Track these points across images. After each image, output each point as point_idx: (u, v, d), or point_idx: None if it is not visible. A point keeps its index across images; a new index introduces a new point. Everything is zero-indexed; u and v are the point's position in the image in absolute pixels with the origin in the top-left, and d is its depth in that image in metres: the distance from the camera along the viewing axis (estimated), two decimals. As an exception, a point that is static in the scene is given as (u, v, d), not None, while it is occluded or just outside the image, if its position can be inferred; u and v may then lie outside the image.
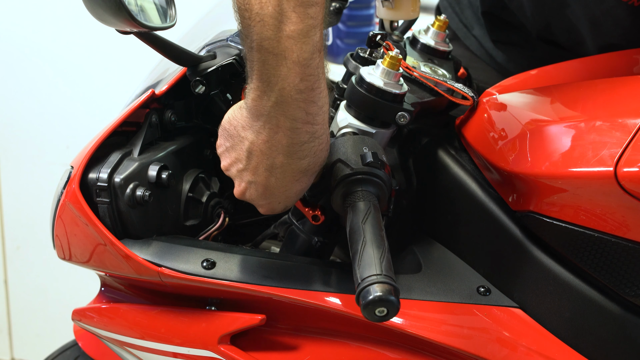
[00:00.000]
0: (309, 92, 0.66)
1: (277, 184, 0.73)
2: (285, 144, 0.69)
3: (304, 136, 0.69)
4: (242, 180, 0.76)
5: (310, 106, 0.67)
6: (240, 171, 0.75)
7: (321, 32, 0.66)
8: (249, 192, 0.76)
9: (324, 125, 0.71)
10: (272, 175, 0.72)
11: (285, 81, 0.65)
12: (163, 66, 1.01)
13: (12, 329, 2.47)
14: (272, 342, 0.86)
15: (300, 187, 0.75)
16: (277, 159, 0.71)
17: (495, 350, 0.79)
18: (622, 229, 0.73)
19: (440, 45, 1.04)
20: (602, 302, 0.77)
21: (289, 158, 0.71)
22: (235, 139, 0.74)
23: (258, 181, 0.74)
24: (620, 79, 0.87)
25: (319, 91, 0.68)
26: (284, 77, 0.65)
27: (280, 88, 0.65)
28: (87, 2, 0.73)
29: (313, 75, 0.66)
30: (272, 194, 0.75)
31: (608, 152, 0.72)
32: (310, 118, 0.68)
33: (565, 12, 0.99)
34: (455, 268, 0.86)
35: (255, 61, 0.66)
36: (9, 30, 2.11)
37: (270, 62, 0.65)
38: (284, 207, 0.78)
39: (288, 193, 0.75)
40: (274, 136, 0.69)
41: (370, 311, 0.66)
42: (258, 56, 0.66)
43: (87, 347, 1.12)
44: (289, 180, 0.73)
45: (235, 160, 0.75)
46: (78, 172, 0.83)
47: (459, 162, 0.89)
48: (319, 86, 0.67)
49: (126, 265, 0.84)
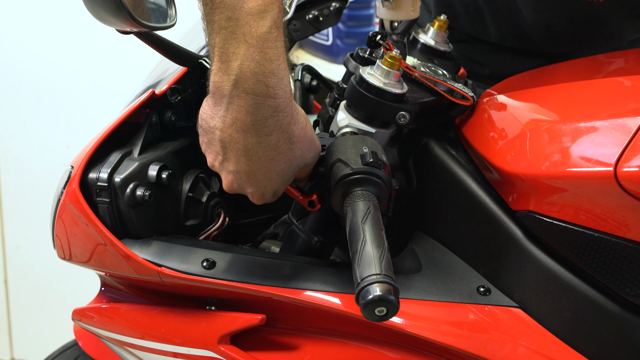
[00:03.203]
0: (267, 64, 0.68)
1: (256, 167, 0.74)
2: (249, 122, 0.70)
3: (267, 110, 0.70)
4: (227, 173, 0.76)
5: (270, 78, 0.68)
6: (222, 163, 0.76)
7: (280, 7, 0.69)
8: (235, 182, 0.77)
9: (287, 99, 0.71)
10: (248, 160, 0.73)
11: (244, 57, 0.67)
12: (163, 66, 1.01)
13: (12, 329, 2.47)
14: (272, 342, 0.86)
15: (280, 166, 0.75)
16: (247, 140, 0.71)
17: (495, 350, 0.79)
18: (622, 229, 0.73)
19: (440, 45, 1.04)
20: (602, 302, 0.77)
21: (257, 136, 0.71)
22: (208, 133, 0.75)
23: (239, 169, 0.75)
24: (620, 79, 0.87)
25: (277, 64, 0.69)
26: (244, 53, 0.67)
27: (240, 64, 0.67)
28: (87, 2, 0.73)
29: (272, 49, 0.68)
30: (255, 179, 0.75)
31: (608, 152, 0.72)
32: (271, 92, 0.69)
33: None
34: (455, 268, 0.86)
35: (217, 44, 0.68)
36: (9, 30, 2.11)
37: (230, 41, 0.67)
38: (272, 192, 0.78)
39: (270, 175, 0.75)
40: (238, 117, 0.70)
41: (369, 311, 0.66)
42: (219, 38, 0.68)
43: (87, 347, 1.12)
44: (265, 161, 0.73)
45: (215, 154, 0.76)
46: (78, 172, 0.83)
47: (459, 162, 0.89)
48: (278, 59, 0.69)
49: (126, 265, 0.84)
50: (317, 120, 1.01)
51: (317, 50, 2.31)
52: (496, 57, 1.20)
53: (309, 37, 1.18)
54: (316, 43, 2.29)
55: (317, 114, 1.02)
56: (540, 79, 0.96)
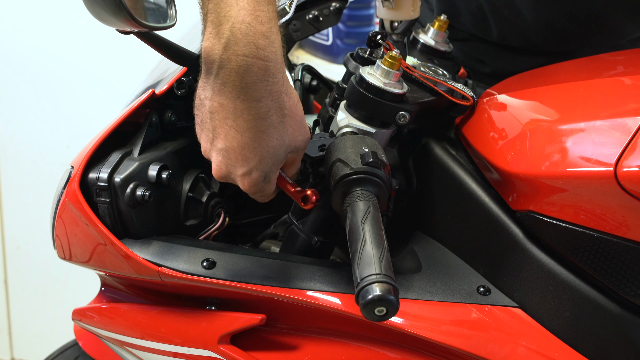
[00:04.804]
0: (258, 25, 0.68)
1: (244, 139, 0.72)
2: (238, 86, 0.70)
3: (257, 73, 0.69)
4: (217, 154, 0.75)
5: (260, 40, 0.68)
6: (212, 142, 0.74)
7: None
8: (224, 164, 0.75)
9: (278, 63, 0.71)
10: (237, 131, 0.72)
11: (235, 19, 0.68)
12: (163, 66, 1.01)
13: (12, 329, 2.47)
14: (272, 342, 0.86)
15: (271, 142, 0.73)
16: (236, 105, 0.71)
17: (495, 350, 0.79)
18: (622, 229, 0.73)
19: (440, 45, 1.04)
20: (602, 302, 0.77)
21: (246, 101, 0.70)
22: (200, 109, 0.74)
23: (227, 146, 0.73)
24: (620, 79, 0.87)
25: (268, 27, 0.69)
26: (235, 15, 0.67)
27: (231, 26, 0.68)
28: (87, 2, 0.73)
29: (263, 12, 0.68)
30: (244, 156, 0.73)
31: (608, 152, 0.72)
32: (261, 53, 0.69)
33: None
34: (455, 268, 0.86)
35: (209, 10, 0.69)
36: (9, 30, 2.12)
37: (222, 5, 0.68)
38: (264, 175, 0.75)
39: (260, 151, 0.73)
40: (227, 80, 0.70)
41: (369, 310, 0.66)
42: (212, 4, 0.68)
43: (88, 347, 1.12)
44: (255, 132, 0.72)
45: (206, 132, 0.75)
46: (78, 172, 0.83)
47: (459, 162, 0.89)
48: (269, 22, 0.69)
49: (126, 265, 0.84)
50: (317, 120, 1.01)
51: (317, 50, 2.31)
52: (498, 56, 1.20)
53: (309, 37, 1.18)
54: (316, 43, 2.29)
55: (317, 114, 1.02)
56: (540, 79, 0.96)
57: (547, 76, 0.97)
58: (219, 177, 0.77)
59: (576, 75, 0.94)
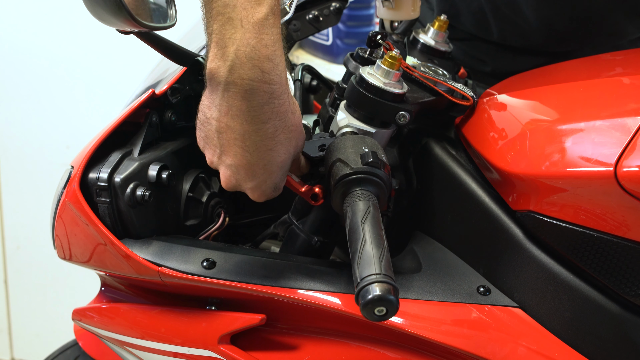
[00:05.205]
0: (263, 49, 0.68)
1: (254, 158, 0.73)
2: (245, 109, 0.70)
3: (263, 96, 0.70)
4: (225, 168, 0.76)
5: (265, 63, 0.69)
6: (220, 157, 0.75)
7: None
8: (233, 178, 0.76)
9: (282, 86, 0.71)
10: (245, 151, 0.73)
11: (240, 42, 0.68)
12: (163, 66, 1.01)
13: (12, 329, 2.47)
14: (272, 342, 0.86)
15: (279, 158, 0.74)
16: (244, 128, 0.71)
17: (495, 350, 0.79)
18: (622, 229, 0.73)
19: (440, 45, 1.04)
20: (602, 302, 0.77)
21: (253, 124, 0.71)
22: (206, 125, 0.74)
23: (236, 163, 0.74)
24: (620, 79, 0.87)
25: (273, 49, 0.69)
26: (240, 38, 0.68)
27: (236, 49, 0.68)
28: (87, 2, 0.73)
29: (268, 35, 0.69)
30: (254, 173, 0.74)
31: (608, 152, 0.72)
32: (267, 77, 0.69)
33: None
34: (455, 268, 0.86)
35: (214, 30, 0.69)
36: (9, 30, 2.12)
37: (227, 27, 0.68)
38: (273, 187, 0.77)
39: (269, 167, 0.74)
40: (234, 103, 0.70)
41: (369, 310, 0.66)
42: (216, 25, 0.68)
43: (88, 347, 1.12)
44: (263, 151, 0.73)
45: (212, 147, 0.75)
46: (78, 172, 0.83)
47: (459, 162, 0.89)
48: (274, 45, 0.69)
49: (126, 265, 0.84)
50: (317, 120, 1.01)
51: (317, 50, 2.31)
52: (498, 56, 1.20)
53: (309, 37, 1.18)
54: (316, 43, 2.29)
55: (317, 114, 1.02)
56: (540, 79, 0.96)
57: (547, 76, 0.97)
58: (228, 189, 0.78)
59: (576, 75, 0.94)
